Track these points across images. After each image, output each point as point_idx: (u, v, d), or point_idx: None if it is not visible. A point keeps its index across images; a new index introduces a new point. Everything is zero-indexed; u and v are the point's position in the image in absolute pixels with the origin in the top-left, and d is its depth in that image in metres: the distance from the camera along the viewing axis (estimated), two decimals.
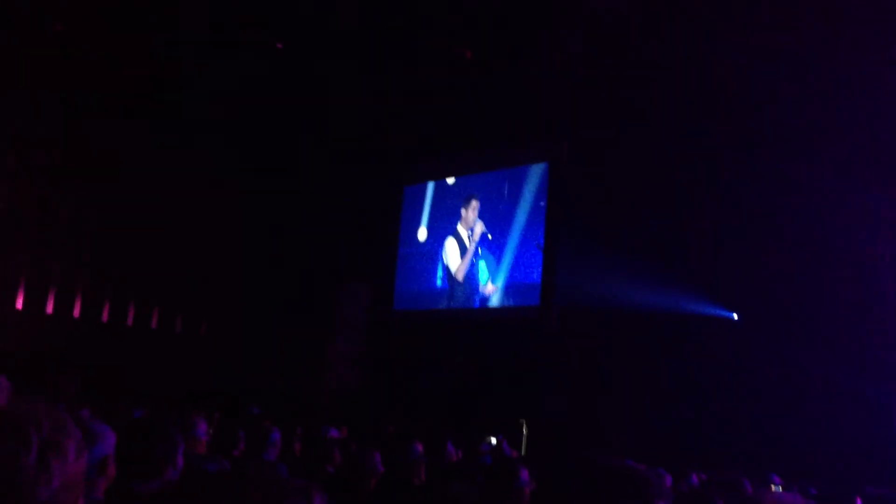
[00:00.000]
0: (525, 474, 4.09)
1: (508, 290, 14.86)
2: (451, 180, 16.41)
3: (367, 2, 13.41)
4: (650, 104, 13.07)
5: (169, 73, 15.49)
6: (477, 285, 15.26)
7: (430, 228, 16.52)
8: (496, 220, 15.31)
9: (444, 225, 16.20)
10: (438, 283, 16.01)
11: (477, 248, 15.35)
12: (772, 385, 11.45)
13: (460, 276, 15.48)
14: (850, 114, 11.24)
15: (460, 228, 15.73)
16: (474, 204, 15.62)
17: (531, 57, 13.81)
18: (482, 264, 15.25)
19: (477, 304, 15.25)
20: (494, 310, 15.03)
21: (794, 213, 11.51)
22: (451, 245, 15.82)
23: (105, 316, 17.02)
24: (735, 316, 12.35)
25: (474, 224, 15.54)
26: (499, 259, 15.02)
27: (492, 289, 15.04)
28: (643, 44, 12.66)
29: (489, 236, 15.24)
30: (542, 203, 14.66)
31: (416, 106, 15.46)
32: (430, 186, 16.77)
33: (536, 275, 14.39)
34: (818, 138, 11.42)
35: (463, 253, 15.55)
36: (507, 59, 14.09)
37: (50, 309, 16.26)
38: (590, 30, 12.76)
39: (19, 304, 15.84)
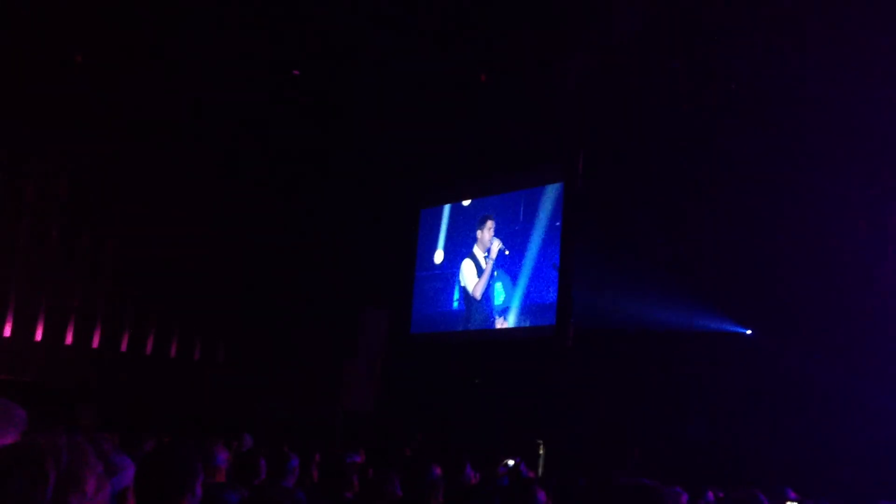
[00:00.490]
0: (542, 495, 4.09)
1: (524, 310, 14.84)
2: (466, 202, 16.46)
3: (383, 26, 13.50)
4: (664, 124, 13.10)
5: (187, 102, 15.63)
6: (493, 307, 15.27)
7: (446, 251, 16.56)
8: (512, 240, 15.31)
9: (460, 247, 16.23)
10: (455, 304, 16.03)
11: (493, 270, 15.37)
12: (786, 400, 11.41)
13: (478, 295, 15.49)
14: (870, 130, 11.19)
15: (476, 250, 15.75)
16: (490, 224, 15.65)
17: (545, 78, 13.87)
18: (498, 285, 15.25)
19: (493, 325, 15.26)
20: (510, 330, 15.02)
21: (807, 228, 11.50)
22: (467, 266, 15.85)
23: (124, 346, 17.08)
24: (749, 332, 12.34)
25: (490, 244, 15.56)
26: (515, 279, 15.01)
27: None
28: (658, 63, 12.70)
29: (506, 252, 15.26)
30: (558, 223, 14.65)
31: (430, 129, 15.52)
32: (446, 209, 16.81)
33: (552, 295, 14.38)
34: (834, 154, 11.39)
35: (480, 274, 15.57)
36: (520, 81, 14.16)
37: (69, 339, 16.34)
38: (604, 50, 12.82)
39: (38, 336, 15.92)
